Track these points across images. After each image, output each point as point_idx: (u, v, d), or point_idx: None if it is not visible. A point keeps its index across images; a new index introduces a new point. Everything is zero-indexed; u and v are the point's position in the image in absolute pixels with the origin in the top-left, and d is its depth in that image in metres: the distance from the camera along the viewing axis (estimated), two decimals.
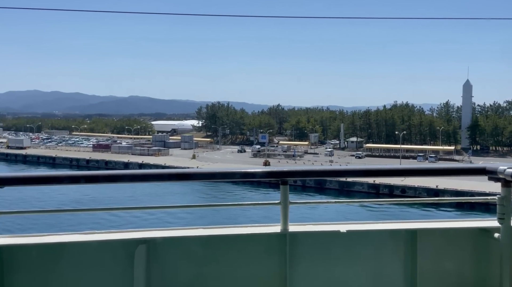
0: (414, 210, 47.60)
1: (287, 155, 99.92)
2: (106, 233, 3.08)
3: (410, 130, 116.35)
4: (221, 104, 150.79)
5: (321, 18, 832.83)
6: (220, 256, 3.09)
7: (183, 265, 3.07)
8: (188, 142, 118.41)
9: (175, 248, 3.06)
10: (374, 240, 3.20)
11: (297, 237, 3.09)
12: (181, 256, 3.07)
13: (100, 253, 3.01)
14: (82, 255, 3.00)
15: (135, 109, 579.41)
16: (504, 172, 2.84)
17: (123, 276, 2.96)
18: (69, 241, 3.02)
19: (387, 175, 3.30)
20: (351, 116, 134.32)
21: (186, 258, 3.07)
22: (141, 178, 3.21)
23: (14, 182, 2.91)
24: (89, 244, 3.01)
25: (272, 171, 3.17)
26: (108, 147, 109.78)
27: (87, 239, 3.04)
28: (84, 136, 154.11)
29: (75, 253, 2.99)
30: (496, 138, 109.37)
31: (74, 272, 2.97)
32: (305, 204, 3.72)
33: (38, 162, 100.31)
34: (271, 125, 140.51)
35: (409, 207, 47.94)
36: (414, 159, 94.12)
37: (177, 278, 3.05)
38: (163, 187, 54.85)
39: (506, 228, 2.96)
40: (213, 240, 3.11)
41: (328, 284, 3.14)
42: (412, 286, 3.13)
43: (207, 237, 3.12)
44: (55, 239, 3.03)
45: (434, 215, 48.01)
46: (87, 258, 3.00)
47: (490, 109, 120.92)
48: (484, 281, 3.17)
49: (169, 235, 3.09)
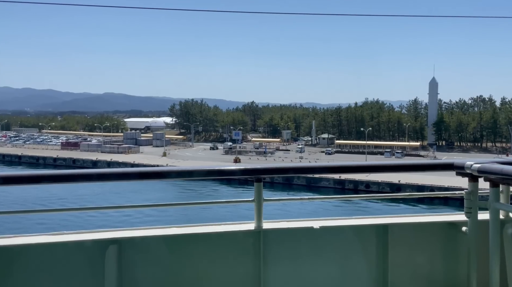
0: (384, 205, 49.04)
1: (258, 152, 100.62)
2: (75, 233, 3.00)
3: (379, 126, 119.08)
4: (194, 101, 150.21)
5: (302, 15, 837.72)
6: (194, 254, 3.05)
7: (156, 265, 3.01)
8: (160, 139, 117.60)
9: (147, 248, 3.02)
10: (347, 235, 3.24)
11: (271, 234, 3.10)
12: (153, 255, 3.02)
13: (69, 255, 2.92)
14: (50, 257, 2.89)
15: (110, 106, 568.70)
16: (471, 167, 2.89)
17: (94, 277, 2.89)
18: (35, 242, 2.90)
19: (358, 171, 3.36)
20: (322, 113, 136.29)
21: (159, 258, 3.02)
22: (103, 177, 3.05)
23: None
24: (57, 245, 2.91)
25: (246, 168, 3.16)
26: (77, 145, 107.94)
27: (55, 240, 2.93)
28: (54, 134, 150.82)
29: (42, 255, 2.87)
30: (460, 134, 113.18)
31: (41, 275, 2.86)
32: (279, 201, 3.72)
33: (3, 160, 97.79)
34: (245, 122, 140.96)
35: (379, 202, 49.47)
36: (381, 155, 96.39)
37: (149, 278, 3.00)
38: (131, 186, 54.37)
39: (473, 222, 3.03)
40: (186, 239, 3.07)
41: (302, 280, 3.16)
42: (384, 279, 3.20)
43: (180, 236, 3.07)
44: (19, 241, 2.90)
45: (402, 209, 49.41)
46: (55, 259, 2.89)
47: (456, 106, 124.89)
48: (453, 273, 3.25)
49: (141, 235, 3.03)
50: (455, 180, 57.72)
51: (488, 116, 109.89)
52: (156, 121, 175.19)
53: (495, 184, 2.90)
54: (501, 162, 2.90)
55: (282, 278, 3.12)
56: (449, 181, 59.10)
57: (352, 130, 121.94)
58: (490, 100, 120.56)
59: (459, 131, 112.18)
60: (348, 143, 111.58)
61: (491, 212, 2.91)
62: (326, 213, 41.38)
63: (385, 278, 3.19)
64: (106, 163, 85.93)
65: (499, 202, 2.93)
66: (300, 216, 3.45)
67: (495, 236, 2.90)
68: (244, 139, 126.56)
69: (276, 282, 3.10)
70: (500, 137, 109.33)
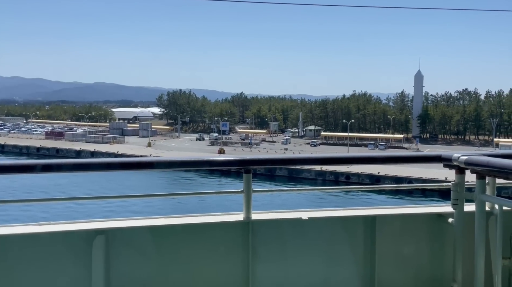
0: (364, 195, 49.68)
1: (244, 143, 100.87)
2: (61, 224, 2.95)
3: (365, 119, 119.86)
4: (182, 92, 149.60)
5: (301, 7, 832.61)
6: (182, 245, 3.04)
7: (144, 255, 3.00)
8: (147, 129, 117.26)
9: (135, 239, 2.99)
10: (335, 226, 3.25)
11: (259, 225, 3.10)
12: (141, 246, 3.00)
13: (55, 245, 2.87)
14: (35, 248, 2.84)
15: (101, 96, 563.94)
16: (458, 159, 2.92)
17: (81, 268, 2.87)
18: (20, 233, 2.86)
19: (346, 163, 3.35)
20: (309, 105, 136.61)
21: (147, 249, 3.01)
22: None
23: None
24: (42, 235, 2.86)
25: (235, 159, 3.16)
26: (62, 135, 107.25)
27: (41, 230, 2.88)
28: (40, 124, 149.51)
29: (26, 245, 2.82)
30: (444, 127, 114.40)
31: (26, 266, 2.81)
32: (268, 192, 3.68)
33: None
34: (233, 114, 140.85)
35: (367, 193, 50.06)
36: (366, 147, 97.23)
37: (137, 269, 2.99)
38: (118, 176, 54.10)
39: (459, 213, 3.07)
40: (174, 230, 3.05)
41: (290, 270, 3.18)
42: (371, 270, 3.24)
43: (169, 226, 3.05)
44: (2, 231, 2.84)
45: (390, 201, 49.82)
46: (41, 250, 2.84)
47: (442, 99, 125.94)
48: (440, 264, 3.29)
49: (129, 225, 3.01)
50: (434, 172, 59.00)
51: (472, 109, 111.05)
52: (146, 111, 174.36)
53: (481, 176, 2.91)
54: (487, 154, 2.93)
55: (271, 269, 3.14)
56: (427, 173, 60.20)
57: (338, 122, 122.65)
58: (475, 93, 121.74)
59: (443, 123, 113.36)
60: (334, 135, 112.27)
61: (477, 203, 2.93)
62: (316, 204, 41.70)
63: (372, 269, 3.23)
64: (89, 153, 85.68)
65: (485, 194, 2.95)
66: (287, 207, 3.50)
67: (480, 227, 2.92)
68: (232, 130, 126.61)
69: (264, 273, 3.11)
70: (483, 130, 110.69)
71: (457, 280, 3.12)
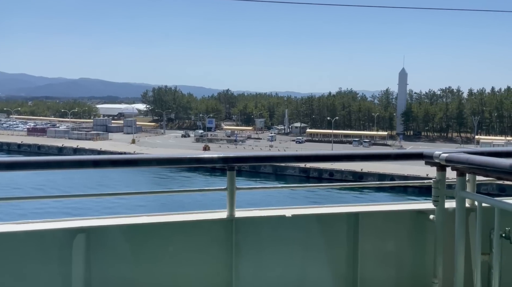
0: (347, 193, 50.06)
1: (229, 140, 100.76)
2: (40, 222, 2.89)
3: (350, 116, 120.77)
4: (168, 88, 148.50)
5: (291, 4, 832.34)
6: (165, 244, 3.02)
7: (125, 254, 2.96)
8: (131, 126, 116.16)
9: (116, 237, 2.96)
10: (319, 223, 3.27)
11: (243, 222, 3.09)
12: (123, 244, 2.96)
13: (34, 244, 2.81)
14: (13, 247, 2.77)
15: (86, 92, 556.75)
16: (439, 156, 2.94)
17: (61, 266, 2.82)
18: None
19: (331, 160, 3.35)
20: (296, 102, 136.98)
21: (129, 247, 2.97)
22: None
23: None
24: (21, 234, 2.80)
25: (219, 157, 3.11)
26: (44, 131, 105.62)
27: (19, 229, 2.82)
28: (23, 120, 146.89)
29: (4, 244, 2.76)
30: (427, 124, 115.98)
31: (3, 265, 2.74)
32: (252, 190, 3.79)
33: None
34: (219, 110, 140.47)
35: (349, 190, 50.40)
36: (350, 143, 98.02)
37: (118, 267, 2.95)
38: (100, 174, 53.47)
39: (440, 210, 3.11)
40: (157, 228, 3.03)
41: (274, 268, 3.17)
42: (354, 266, 3.27)
43: (151, 224, 3.02)
44: None
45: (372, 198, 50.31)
46: (19, 249, 2.78)
47: (425, 97, 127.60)
48: (421, 260, 3.33)
49: (110, 223, 2.96)
50: (415, 169, 59.77)
51: (454, 107, 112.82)
52: (129, 108, 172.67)
53: (461, 173, 2.95)
54: (468, 152, 2.95)
55: (254, 267, 3.14)
56: (409, 170, 60.98)
57: (324, 119, 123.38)
58: (458, 91, 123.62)
59: (427, 121, 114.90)
60: (319, 132, 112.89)
61: (458, 200, 2.97)
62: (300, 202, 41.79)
63: (355, 265, 3.27)
64: (72, 149, 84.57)
65: (465, 191, 3.00)
66: (271, 205, 3.46)
67: (460, 224, 2.96)
68: (218, 127, 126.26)
69: (248, 270, 3.11)
70: (465, 127, 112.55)
71: (438, 276, 3.15)
